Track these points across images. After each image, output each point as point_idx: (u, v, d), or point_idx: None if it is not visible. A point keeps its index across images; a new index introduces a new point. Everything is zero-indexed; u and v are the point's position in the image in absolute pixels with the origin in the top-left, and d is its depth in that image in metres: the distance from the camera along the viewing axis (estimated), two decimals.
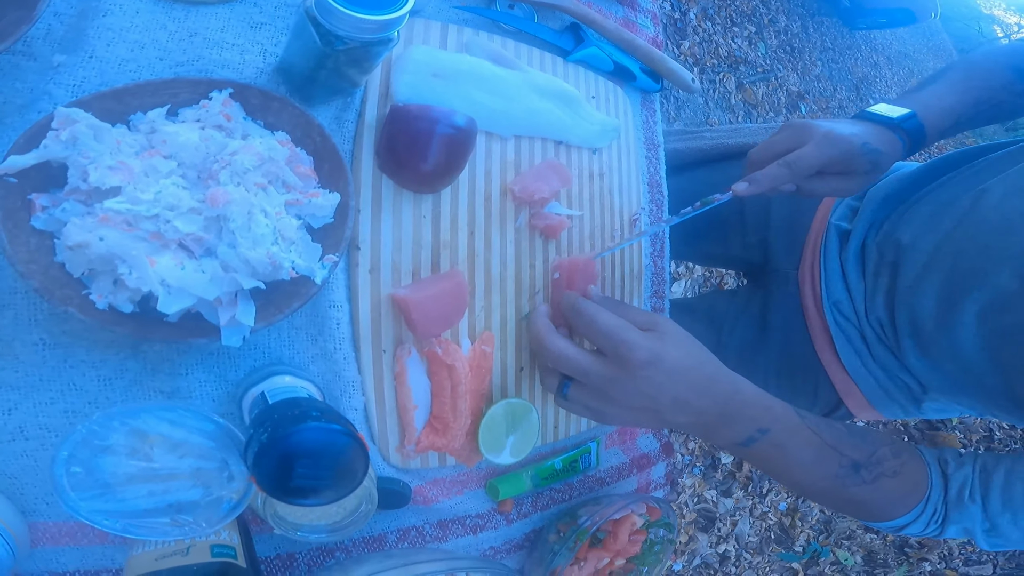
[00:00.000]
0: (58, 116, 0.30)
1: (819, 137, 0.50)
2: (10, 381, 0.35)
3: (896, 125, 0.54)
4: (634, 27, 0.67)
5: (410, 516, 0.50)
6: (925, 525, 0.50)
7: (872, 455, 0.48)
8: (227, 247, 0.30)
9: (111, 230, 0.28)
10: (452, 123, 0.42)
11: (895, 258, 0.59)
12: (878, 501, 0.49)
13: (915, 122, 0.54)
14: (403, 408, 0.45)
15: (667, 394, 0.43)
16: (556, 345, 0.45)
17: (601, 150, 0.59)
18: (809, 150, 0.50)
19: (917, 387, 0.62)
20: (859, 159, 0.51)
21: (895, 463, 0.49)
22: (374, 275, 0.43)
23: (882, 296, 0.60)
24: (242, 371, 0.40)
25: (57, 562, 0.38)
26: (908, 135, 0.54)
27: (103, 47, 0.36)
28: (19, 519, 0.37)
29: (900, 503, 0.50)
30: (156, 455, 0.34)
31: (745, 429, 0.46)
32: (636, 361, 0.42)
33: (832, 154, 0.50)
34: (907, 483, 0.49)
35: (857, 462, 0.48)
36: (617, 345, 0.43)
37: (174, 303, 0.29)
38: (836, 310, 0.65)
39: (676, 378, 0.43)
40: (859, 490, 0.48)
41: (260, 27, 0.42)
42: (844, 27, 3.59)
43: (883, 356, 0.62)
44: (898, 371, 0.62)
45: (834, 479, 0.48)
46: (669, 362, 0.43)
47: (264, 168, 0.33)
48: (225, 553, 0.37)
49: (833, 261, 0.65)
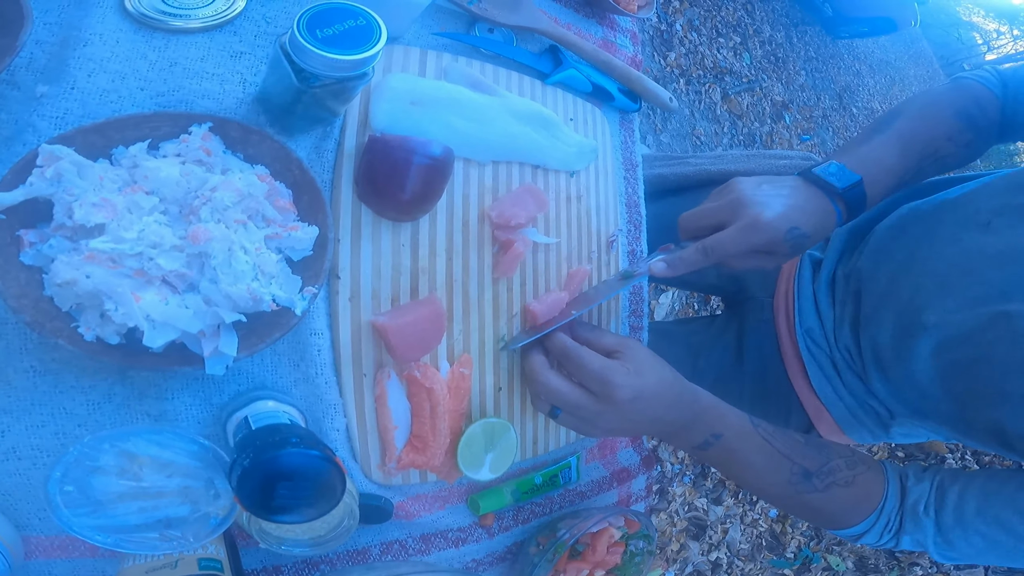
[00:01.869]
0: (43, 153, 0.31)
1: (745, 222, 0.49)
2: (3, 405, 0.36)
3: (838, 195, 0.52)
4: (613, 47, 0.69)
5: (393, 530, 0.51)
6: (879, 536, 0.53)
7: (825, 465, 0.51)
8: (209, 282, 0.32)
9: (97, 267, 0.30)
10: (429, 153, 0.44)
11: (857, 287, 0.61)
12: (830, 508, 0.52)
13: (859, 191, 0.53)
14: (384, 429, 0.46)
15: (647, 417, 0.49)
16: (550, 382, 0.49)
17: (579, 172, 0.61)
18: (729, 236, 0.49)
19: (884, 412, 0.64)
20: (781, 245, 0.49)
21: (848, 474, 0.52)
22: (354, 302, 0.45)
23: (848, 324, 0.62)
24: (226, 395, 0.41)
25: (49, 574, 0.40)
26: (847, 204, 0.53)
27: (84, 77, 0.37)
28: (14, 533, 0.38)
29: (852, 512, 0.52)
30: (145, 474, 0.36)
31: (701, 434, 0.51)
32: (622, 399, 0.47)
33: (753, 243, 0.49)
34: (859, 493, 0.52)
35: (808, 470, 0.51)
36: (604, 387, 0.47)
37: (159, 337, 0.30)
38: (808, 337, 0.67)
39: (654, 403, 0.49)
40: (811, 497, 0.52)
41: (240, 56, 0.43)
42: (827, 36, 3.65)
43: (852, 382, 0.64)
44: (866, 396, 0.64)
45: (786, 485, 0.51)
46: (649, 393, 0.48)
47: (244, 204, 0.34)
48: (212, 566, 0.38)
49: (806, 289, 0.67)
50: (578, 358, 0.49)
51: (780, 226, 0.49)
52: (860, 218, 0.64)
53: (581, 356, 0.49)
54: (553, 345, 0.52)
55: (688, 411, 0.51)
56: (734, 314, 0.78)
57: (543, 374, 0.50)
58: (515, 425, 0.54)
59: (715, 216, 0.51)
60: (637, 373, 0.48)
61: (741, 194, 0.50)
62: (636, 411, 0.48)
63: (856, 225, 0.65)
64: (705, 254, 0.50)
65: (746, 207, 0.49)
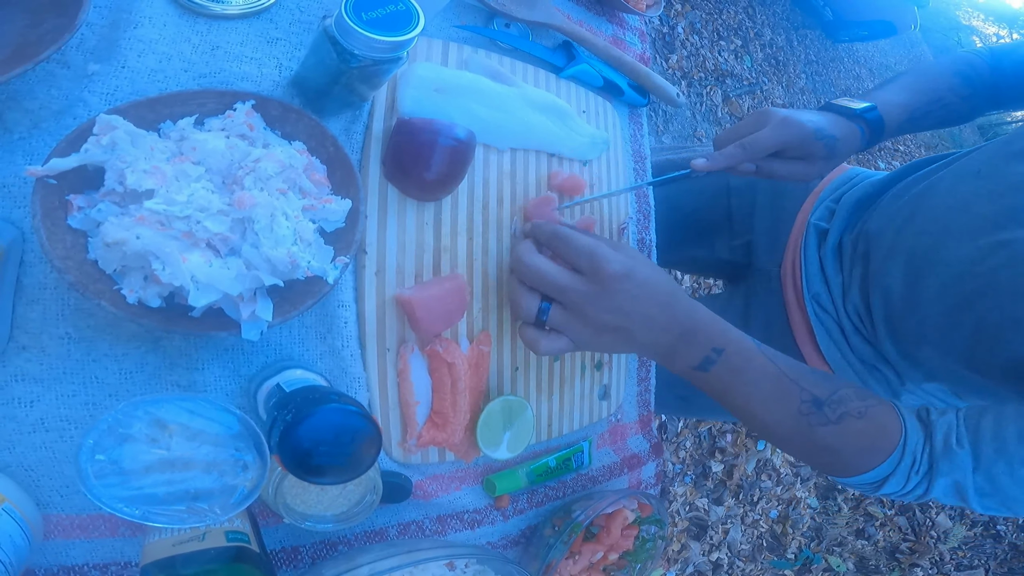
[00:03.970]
0: (100, 122, 0.33)
1: (776, 121, 0.54)
2: (34, 373, 0.37)
3: (857, 115, 0.59)
4: (622, 44, 0.71)
5: (410, 511, 0.52)
6: (905, 479, 0.46)
7: (834, 392, 0.46)
8: (251, 247, 0.33)
9: (147, 229, 0.31)
10: (454, 135, 0.45)
11: (866, 248, 0.63)
12: (846, 446, 0.46)
13: (875, 113, 0.59)
14: (405, 403, 0.47)
15: (639, 309, 0.45)
16: (536, 261, 0.46)
17: (591, 162, 0.63)
18: (764, 133, 0.54)
19: (894, 377, 0.65)
20: (814, 144, 0.55)
21: (860, 404, 0.46)
22: (380, 277, 0.46)
23: (857, 286, 0.64)
24: (255, 366, 0.42)
25: (67, 555, 0.40)
26: (868, 124, 0.59)
27: (135, 57, 0.39)
28: (35, 510, 0.38)
29: (872, 450, 0.46)
30: (175, 444, 0.36)
31: (702, 349, 0.46)
32: (612, 273, 0.44)
33: (785, 137, 0.54)
34: (875, 425, 0.46)
35: (819, 398, 0.46)
36: (594, 259, 0.44)
37: (202, 297, 0.32)
38: (816, 303, 0.68)
39: (648, 291, 0.45)
40: (825, 431, 0.46)
41: (276, 42, 0.45)
42: (827, 40, 3.69)
43: (860, 346, 0.65)
44: (875, 361, 0.65)
45: (797, 416, 0.46)
46: (641, 275, 0.45)
47: (284, 175, 0.36)
48: (239, 538, 0.39)
49: (812, 257, 0.69)
50: (566, 236, 0.46)
51: (809, 126, 0.54)
52: (865, 191, 0.68)
53: (569, 234, 0.46)
54: (541, 230, 0.49)
55: (686, 319, 0.47)
56: (739, 287, 0.80)
57: (529, 254, 0.46)
58: (531, 406, 0.55)
59: (748, 128, 0.56)
60: (631, 255, 0.46)
61: (770, 109, 0.56)
62: (629, 297, 0.44)
63: (861, 197, 0.68)
64: (743, 148, 0.54)
65: (777, 113, 0.55)
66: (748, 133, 0.55)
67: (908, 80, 0.64)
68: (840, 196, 0.71)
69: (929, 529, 2.41)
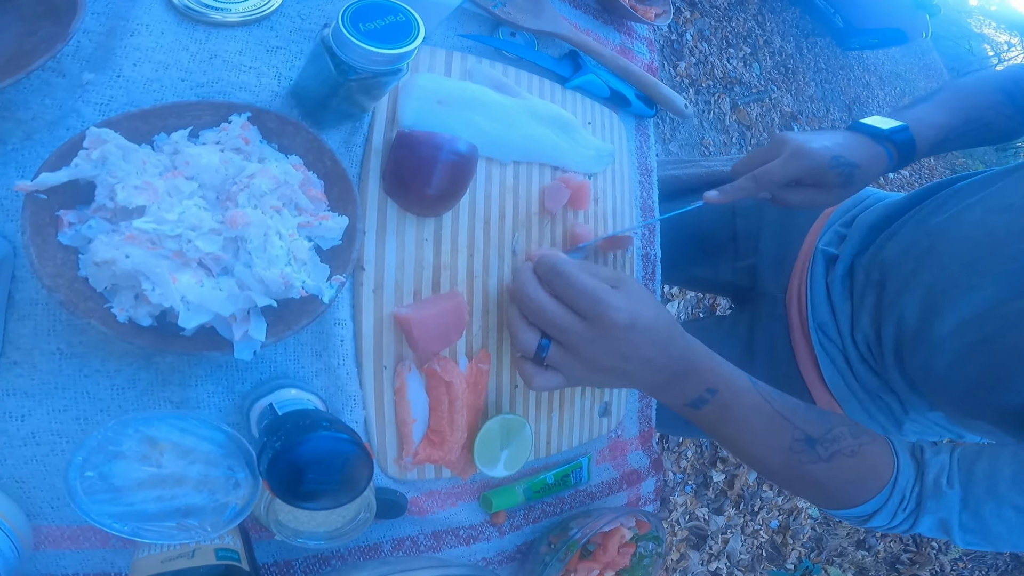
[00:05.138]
0: (90, 136, 0.32)
1: (789, 152, 0.53)
2: (26, 388, 0.37)
3: (885, 137, 0.56)
4: (630, 54, 0.70)
5: (405, 526, 0.51)
6: (892, 515, 0.47)
7: (828, 431, 0.47)
8: (243, 266, 0.32)
9: (136, 248, 0.30)
10: (455, 150, 0.45)
11: (881, 277, 0.61)
12: (836, 482, 0.47)
13: (906, 135, 0.56)
14: (402, 422, 0.47)
15: (638, 353, 0.44)
16: (539, 297, 0.44)
17: (596, 175, 0.62)
18: (776, 165, 0.53)
19: (898, 406, 0.64)
20: (829, 173, 0.53)
21: (853, 442, 0.47)
22: (377, 294, 0.45)
23: (868, 313, 0.62)
24: (249, 383, 0.41)
25: (58, 565, 0.39)
26: (897, 147, 0.56)
27: (130, 67, 0.38)
28: (24, 520, 0.37)
29: (861, 487, 0.47)
30: (166, 461, 0.36)
31: (695, 388, 0.46)
32: (617, 323, 0.43)
33: (796, 170, 0.53)
34: (866, 465, 0.47)
35: (811, 436, 0.46)
36: (597, 305, 0.43)
37: (193, 318, 0.31)
38: (821, 331, 0.67)
39: (648, 338, 0.44)
40: (815, 468, 0.46)
41: (276, 51, 0.44)
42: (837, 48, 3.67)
43: (865, 376, 0.64)
44: (880, 391, 0.64)
45: (788, 452, 0.46)
46: (643, 324, 0.44)
47: (279, 191, 0.35)
48: (229, 556, 0.38)
49: (819, 284, 0.68)
50: (569, 275, 0.44)
51: (824, 154, 0.53)
52: (880, 214, 0.66)
53: (572, 273, 0.44)
54: (541, 264, 0.46)
55: (681, 360, 0.46)
56: (744, 311, 0.78)
57: (533, 289, 0.44)
58: (530, 423, 0.54)
59: (763, 155, 0.55)
60: (633, 299, 0.44)
61: (786, 135, 0.55)
62: (629, 343, 0.43)
63: (876, 221, 0.66)
64: (755, 180, 0.53)
65: (792, 141, 0.54)
66: (761, 161, 0.54)
67: (945, 96, 0.60)
68: (852, 219, 0.69)
69: (930, 540, 2.39)
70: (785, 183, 0.53)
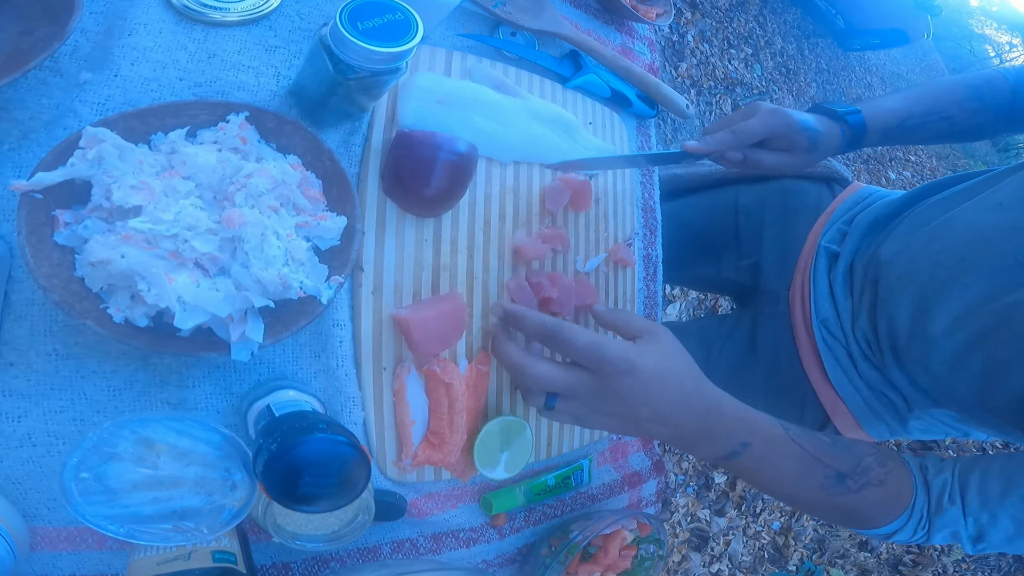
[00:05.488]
0: (86, 135, 0.32)
1: (764, 111, 0.57)
2: (22, 389, 0.36)
3: (840, 117, 0.61)
4: (631, 54, 0.70)
5: (405, 529, 0.51)
6: (913, 532, 0.50)
7: (857, 465, 0.49)
8: (240, 267, 0.32)
9: (132, 248, 0.30)
10: (455, 150, 0.44)
11: (876, 274, 0.62)
12: (865, 509, 0.50)
13: (858, 117, 0.61)
14: (401, 423, 0.46)
15: (644, 405, 0.44)
16: (536, 369, 0.44)
17: (597, 175, 0.61)
18: (753, 121, 0.56)
19: (902, 404, 0.64)
20: (798, 135, 0.57)
21: (880, 472, 0.49)
22: (376, 295, 0.45)
23: (865, 312, 0.63)
24: (247, 385, 0.41)
25: (54, 566, 0.39)
26: (850, 127, 0.61)
27: (128, 66, 0.38)
28: (20, 522, 0.37)
29: (887, 511, 0.50)
30: (162, 463, 0.36)
31: (727, 444, 0.47)
32: (613, 371, 0.43)
33: (773, 125, 0.57)
34: (892, 491, 0.49)
35: (842, 472, 0.48)
36: (596, 359, 0.43)
37: (189, 319, 0.30)
38: (824, 328, 0.67)
39: (653, 389, 0.43)
40: (846, 499, 0.49)
41: (275, 50, 0.44)
42: (839, 48, 3.66)
43: (868, 373, 0.64)
44: (883, 387, 0.64)
45: (820, 489, 0.48)
46: (646, 372, 0.43)
47: (277, 191, 0.35)
48: (226, 559, 0.38)
49: (822, 281, 0.68)
50: (562, 333, 0.44)
51: (795, 117, 0.57)
52: (879, 213, 0.67)
53: (565, 331, 0.44)
54: (530, 327, 0.46)
55: (705, 418, 0.46)
56: (746, 309, 0.78)
57: (525, 362, 0.44)
58: (530, 425, 0.54)
59: (739, 116, 0.58)
60: (639, 348, 0.44)
61: (759, 102, 0.58)
62: (632, 394, 0.43)
63: (875, 220, 0.67)
64: (733, 134, 0.56)
65: (765, 104, 0.58)
66: (738, 122, 0.57)
67: (913, 90, 0.64)
68: (853, 217, 0.69)
69: None
70: (761, 138, 0.57)
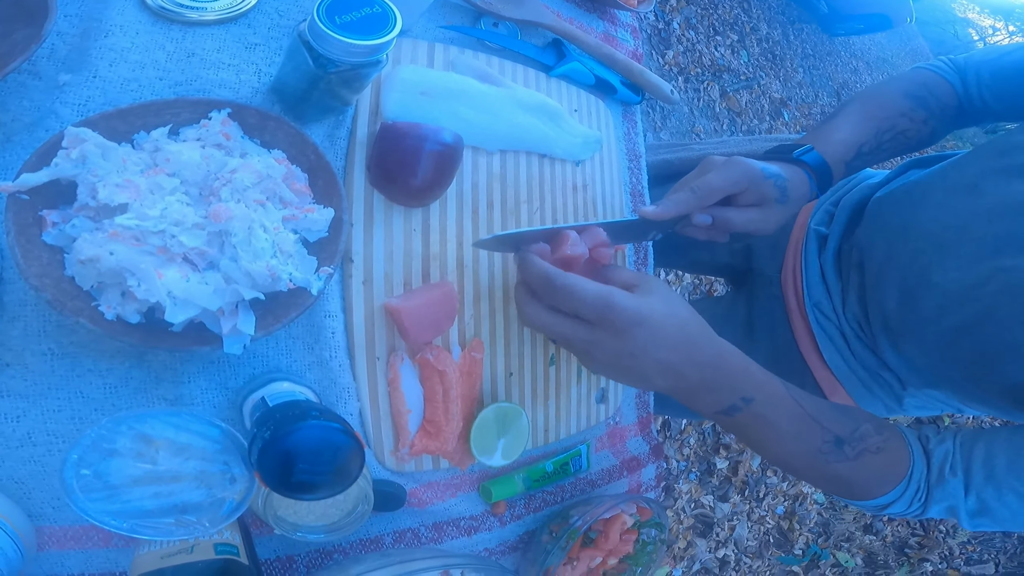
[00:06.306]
0: (68, 135, 0.32)
1: (719, 163, 0.53)
2: (19, 390, 0.37)
3: (796, 158, 0.57)
4: (614, 41, 0.70)
5: (405, 518, 0.51)
6: (908, 504, 0.49)
7: (855, 431, 0.48)
8: (229, 260, 0.32)
9: (120, 245, 0.30)
10: (440, 140, 0.45)
11: (860, 258, 0.62)
12: (860, 478, 0.49)
13: (813, 155, 0.57)
14: (397, 413, 0.47)
15: (651, 355, 0.43)
16: (531, 316, 0.44)
17: (584, 162, 0.62)
18: (712, 175, 0.52)
19: (897, 383, 0.64)
20: (764, 184, 0.53)
21: (878, 439, 0.48)
22: (367, 286, 0.45)
23: (855, 294, 0.63)
24: (242, 379, 0.41)
25: (62, 565, 0.39)
26: (812, 168, 0.57)
27: (106, 67, 0.38)
28: (27, 522, 0.38)
29: (883, 481, 0.49)
30: (161, 458, 0.36)
31: (728, 397, 0.45)
32: (621, 324, 0.41)
33: (734, 175, 0.52)
34: (889, 459, 0.48)
35: (840, 437, 0.47)
36: (602, 311, 0.41)
37: (180, 313, 0.31)
38: (817, 310, 0.67)
39: (660, 338, 0.42)
40: (841, 466, 0.48)
41: (254, 48, 0.44)
42: (824, 34, 3.68)
43: (862, 353, 0.65)
44: (878, 367, 0.64)
45: (817, 454, 0.47)
46: (654, 321, 0.42)
47: (262, 185, 0.35)
48: (228, 551, 0.39)
49: (813, 263, 0.68)
50: (565, 284, 0.42)
51: (756, 165, 0.53)
52: (862, 195, 0.66)
53: (569, 282, 0.42)
54: (532, 274, 0.44)
55: (709, 367, 0.44)
56: (741, 292, 0.78)
57: (524, 308, 0.44)
58: (526, 412, 0.54)
59: (694, 175, 0.54)
60: (644, 297, 0.43)
61: (713, 157, 0.54)
62: (639, 344, 0.42)
63: (858, 201, 0.67)
64: (693, 192, 0.52)
65: (717, 158, 0.54)
66: (695, 175, 0.54)
67: (854, 109, 0.61)
68: (840, 199, 0.69)
69: (938, 524, 2.40)
70: (724, 194, 0.52)
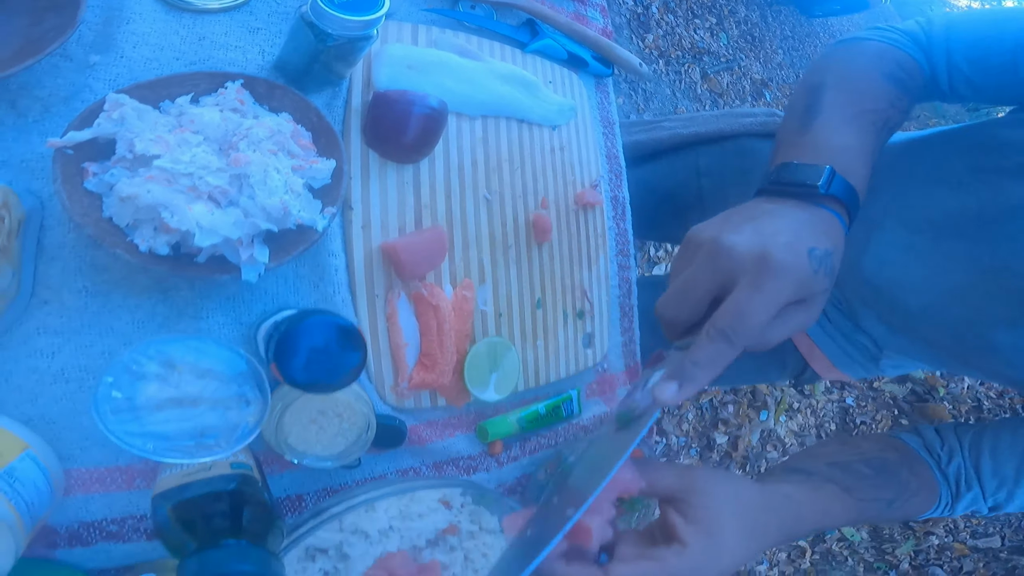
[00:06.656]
0: (109, 100, 0.38)
1: (752, 273, 0.35)
2: (56, 326, 0.41)
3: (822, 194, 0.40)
4: (584, 20, 0.75)
5: (407, 458, 0.55)
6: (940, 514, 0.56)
7: (900, 487, 0.52)
8: (247, 198, 0.38)
9: (156, 185, 0.36)
10: (427, 104, 0.51)
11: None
12: (909, 514, 0.54)
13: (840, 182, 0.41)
14: (395, 346, 0.52)
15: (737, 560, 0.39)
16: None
17: (560, 127, 0.67)
18: (747, 299, 0.35)
19: (873, 347, 0.68)
20: (813, 279, 0.36)
21: (916, 483, 0.53)
22: (366, 230, 0.51)
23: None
24: (255, 314, 0.47)
25: (86, 510, 0.42)
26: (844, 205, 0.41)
27: (131, 48, 0.45)
28: (56, 462, 0.39)
29: (922, 509, 0.54)
30: (183, 381, 0.39)
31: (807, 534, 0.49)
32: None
33: (782, 291, 0.35)
34: (926, 493, 0.54)
35: (891, 500, 0.52)
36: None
37: (206, 238, 0.37)
38: None
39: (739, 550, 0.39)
40: (896, 514, 0.53)
41: (257, 31, 0.50)
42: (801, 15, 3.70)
43: (839, 319, 0.68)
44: (854, 332, 0.68)
45: (878, 517, 0.53)
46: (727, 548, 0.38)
47: (274, 139, 0.41)
48: (243, 467, 0.42)
49: None
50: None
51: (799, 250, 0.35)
52: None
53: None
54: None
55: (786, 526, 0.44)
56: None
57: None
58: (514, 346, 0.59)
59: (702, 284, 0.37)
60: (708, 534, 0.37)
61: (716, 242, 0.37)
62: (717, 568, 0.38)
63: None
64: (728, 341, 0.35)
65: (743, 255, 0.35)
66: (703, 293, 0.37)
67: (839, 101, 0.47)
68: None
69: None
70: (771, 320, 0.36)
